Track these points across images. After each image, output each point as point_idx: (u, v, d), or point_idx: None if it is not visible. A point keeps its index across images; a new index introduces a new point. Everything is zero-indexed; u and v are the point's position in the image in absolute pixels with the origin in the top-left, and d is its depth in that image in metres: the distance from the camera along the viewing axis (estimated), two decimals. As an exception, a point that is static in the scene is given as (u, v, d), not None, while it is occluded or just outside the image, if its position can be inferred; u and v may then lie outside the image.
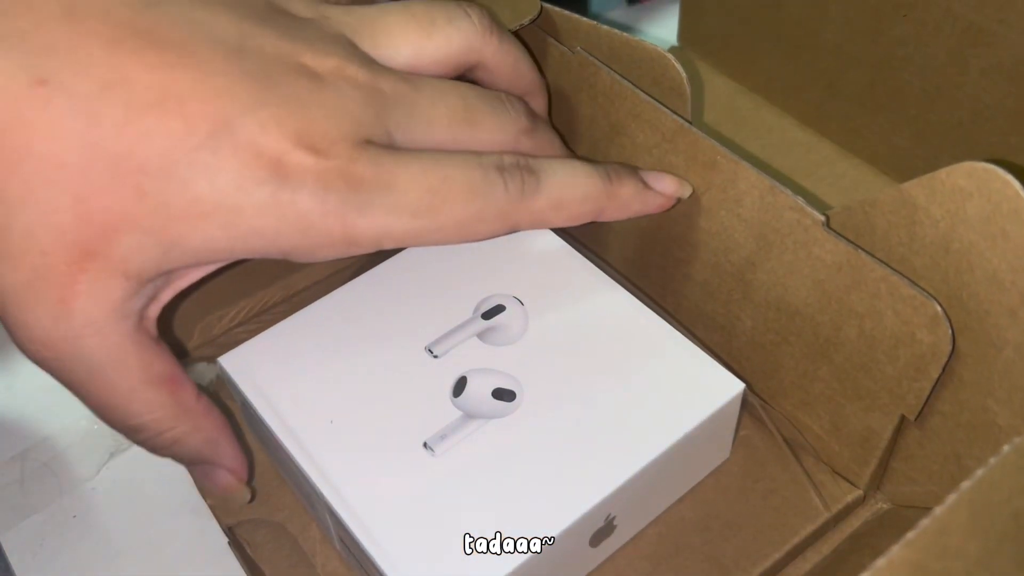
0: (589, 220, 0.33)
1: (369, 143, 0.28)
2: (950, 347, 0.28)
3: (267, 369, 0.33)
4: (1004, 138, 0.40)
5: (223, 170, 0.26)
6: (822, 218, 0.30)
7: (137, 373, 0.28)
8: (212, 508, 0.35)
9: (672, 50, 0.52)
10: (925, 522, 0.20)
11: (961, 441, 0.30)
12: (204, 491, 0.35)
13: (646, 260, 0.37)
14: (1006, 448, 0.21)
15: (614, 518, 0.31)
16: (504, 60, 0.34)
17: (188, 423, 0.30)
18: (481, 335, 0.34)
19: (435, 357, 0.33)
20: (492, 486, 0.30)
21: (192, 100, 0.26)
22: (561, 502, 0.29)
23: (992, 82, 0.39)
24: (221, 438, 0.31)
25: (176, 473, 0.36)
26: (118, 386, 0.28)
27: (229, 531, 0.34)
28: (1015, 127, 0.40)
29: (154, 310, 0.29)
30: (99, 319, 0.27)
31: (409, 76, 0.31)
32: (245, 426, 0.37)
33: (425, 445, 0.31)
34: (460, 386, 0.33)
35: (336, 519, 0.30)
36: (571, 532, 0.29)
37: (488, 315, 0.35)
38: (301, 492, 0.34)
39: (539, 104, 0.37)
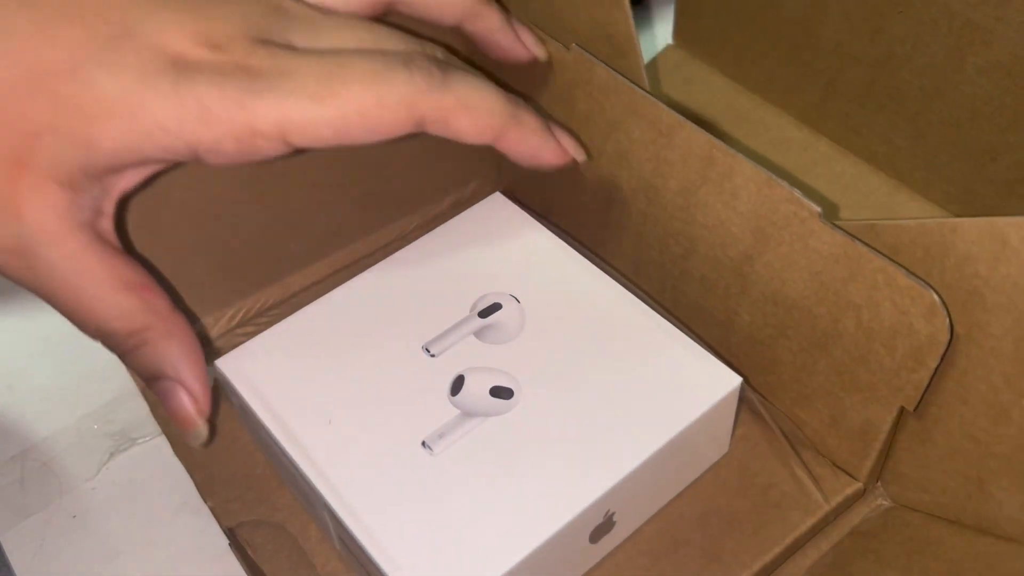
0: (491, 138, 0.32)
1: (269, 40, 0.29)
2: (948, 336, 0.28)
3: (264, 371, 0.34)
4: (1002, 136, 0.40)
5: (125, 67, 0.27)
6: (818, 210, 0.30)
7: (103, 279, 0.29)
8: (212, 510, 0.35)
9: (668, 49, 0.52)
10: None
11: (991, 469, 0.30)
12: (204, 493, 0.35)
13: (642, 256, 0.37)
14: None
15: (613, 514, 0.31)
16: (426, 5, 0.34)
17: (159, 328, 0.30)
18: (478, 333, 0.34)
19: (432, 356, 0.34)
20: (491, 483, 0.30)
21: (95, 9, 0.28)
22: (560, 498, 0.29)
23: (990, 80, 0.39)
24: (190, 354, 0.31)
25: (176, 473, 0.36)
26: (85, 291, 0.29)
27: (230, 532, 0.34)
28: (1013, 124, 0.40)
29: (106, 224, 0.30)
30: (51, 227, 0.28)
31: (320, 6, 0.32)
32: (244, 428, 0.37)
33: (424, 444, 0.31)
34: (458, 385, 0.33)
35: (336, 519, 0.30)
36: (571, 528, 0.29)
37: (485, 313, 0.35)
38: (300, 493, 0.34)
39: (485, 24, 0.36)
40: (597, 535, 0.31)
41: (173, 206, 0.35)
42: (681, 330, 0.34)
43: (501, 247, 0.37)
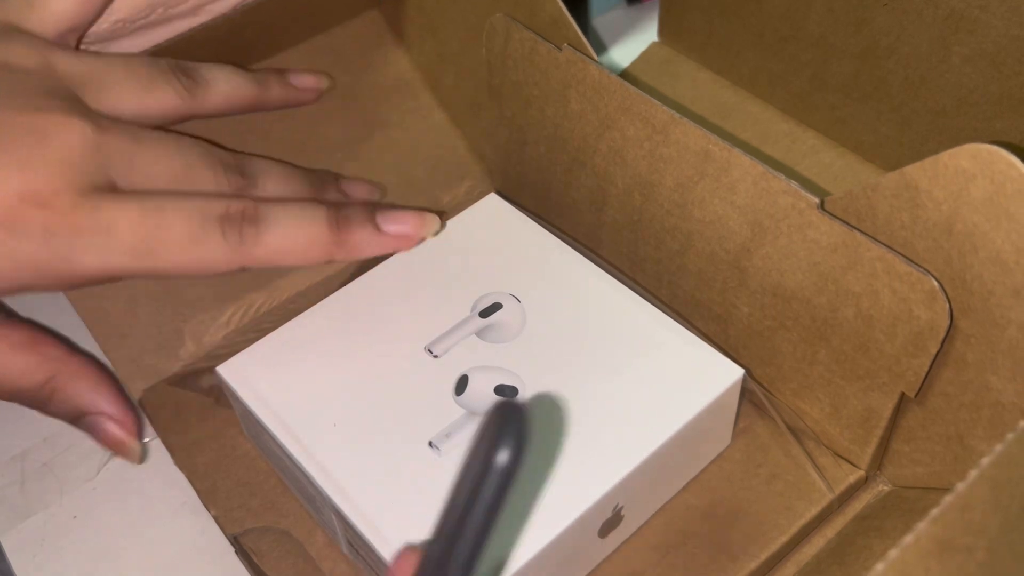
0: (322, 262, 0.34)
1: (94, 190, 0.31)
2: (948, 322, 0.28)
3: (267, 376, 0.34)
4: (988, 123, 0.41)
5: None
6: (816, 200, 0.30)
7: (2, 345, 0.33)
8: (216, 519, 0.35)
9: (653, 46, 0.52)
10: (948, 499, 0.20)
11: (964, 421, 0.31)
12: (207, 502, 0.35)
13: (640, 253, 0.37)
14: (1022, 423, 0.21)
15: (621, 508, 0.31)
16: (218, 105, 0.37)
17: (64, 373, 0.33)
18: (480, 333, 0.34)
19: (435, 357, 0.34)
20: None
21: None
22: (569, 494, 0.30)
23: (975, 68, 0.40)
24: (101, 385, 0.33)
25: (176, 473, 0.36)
26: None
27: (235, 540, 0.34)
28: (998, 112, 0.40)
29: None
30: None
31: (133, 128, 0.34)
32: (247, 435, 0.37)
33: (431, 444, 0.31)
34: (462, 384, 0.33)
35: (345, 522, 0.30)
36: (580, 523, 0.29)
37: (485, 313, 0.35)
38: (306, 498, 0.34)
39: (265, 97, 0.40)
40: (606, 530, 0.31)
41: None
42: (680, 324, 0.34)
43: (499, 247, 0.37)
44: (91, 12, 0.35)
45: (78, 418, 0.33)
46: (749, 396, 0.36)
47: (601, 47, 0.54)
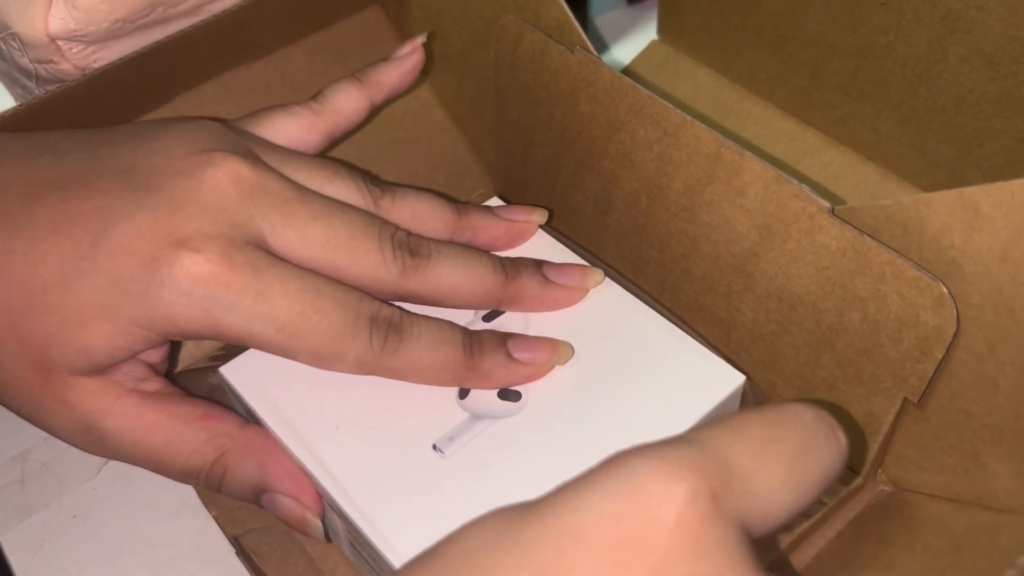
0: (452, 386, 0.33)
1: (246, 244, 0.30)
2: (955, 327, 0.28)
3: (270, 378, 0.33)
4: (987, 122, 0.41)
5: (101, 272, 0.29)
6: (827, 205, 0.30)
7: (164, 426, 0.31)
8: (217, 519, 0.35)
9: (652, 44, 0.52)
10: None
11: (984, 441, 0.30)
12: (208, 502, 0.35)
13: (643, 256, 0.38)
14: None
15: (625, 512, 0.31)
16: (398, 211, 0.35)
17: (235, 449, 0.32)
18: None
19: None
20: (503, 485, 0.30)
21: (79, 220, 0.30)
22: None
23: (973, 67, 0.40)
24: (273, 460, 0.32)
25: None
26: (154, 444, 0.31)
27: (235, 541, 0.34)
28: (997, 111, 0.40)
29: (151, 384, 0.32)
30: (98, 405, 0.31)
31: (302, 186, 0.33)
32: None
33: (434, 447, 0.31)
34: (465, 388, 0.33)
35: (348, 523, 0.30)
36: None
37: (488, 317, 0.35)
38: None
39: (471, 229, 0.37)
40: (609, 534, 0.31)
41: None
42: (682, 329, 0.34)
43: (501, 250, 0.37)
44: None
45: (255, 496, 0.32)
46: (750, 401, 0.36)
47: (601, 47, 0.54)
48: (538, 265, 0.35)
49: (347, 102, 0.38)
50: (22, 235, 0.30)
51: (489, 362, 0.32)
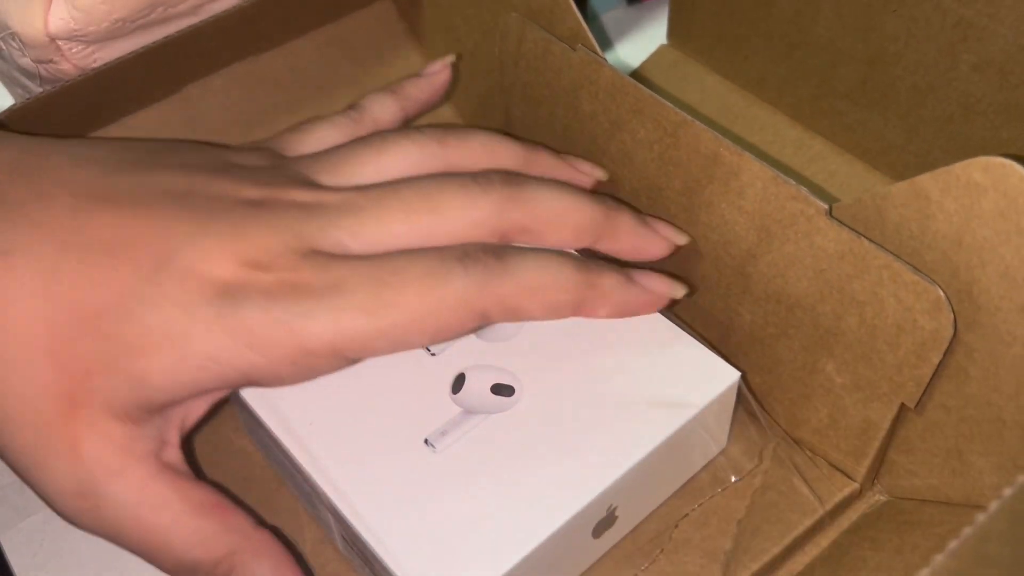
0: (569, 313, 0.31)
1: (315, 252, 0.29)
2: (951, 332, 0.28)
3: None
4: (995, 132, 0.41)
5: (168, 298, 0.28)
6: (825, 207, 0.30)
7: (175, 507, 0.29)
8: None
9: (662, 48, 0.52)
10: (968, 531, 0.20)
11: (964, 436, 0.30)
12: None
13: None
14: None
15: (615, 508, 0.31)
16: (470, 153, 0.34)
17: (246, 549, 0.29)
18: (477, 332, 0.34)
19: (432, 355, 0.33)
20: (495, 480, 0.30)
21: (138, 243, 0.28)
22: (565, 493, 0.29)
23: (982, 76, 0.40)
24: (283, 567, 0.30)
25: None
26: (158, 523, 0.28)
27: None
28: (1006, 121, 0.40)
29: (172, 453, 0.30)
30: (112, 462, 0.28)
31: (362, 186, 0.32)
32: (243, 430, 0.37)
33: (426, 442, 0.31)
34: (459, 383, 0.33)
35: (340, 519, 0.30)
36: (575, 522, 0.29)
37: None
38: (302, 494, 0.34)
39: (541, 165, 0.35)
40: (600, 530, 0.31)
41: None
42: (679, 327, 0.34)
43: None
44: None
45: None
46: (744, 405, 0.36)
47: (601, 47, 0.54)
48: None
49: (383, 112, 0.37)
50: (72, 254, 0.28)
51: (609, 281, 0.31)
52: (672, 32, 0.52)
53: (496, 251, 0.30)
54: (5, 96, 0.45)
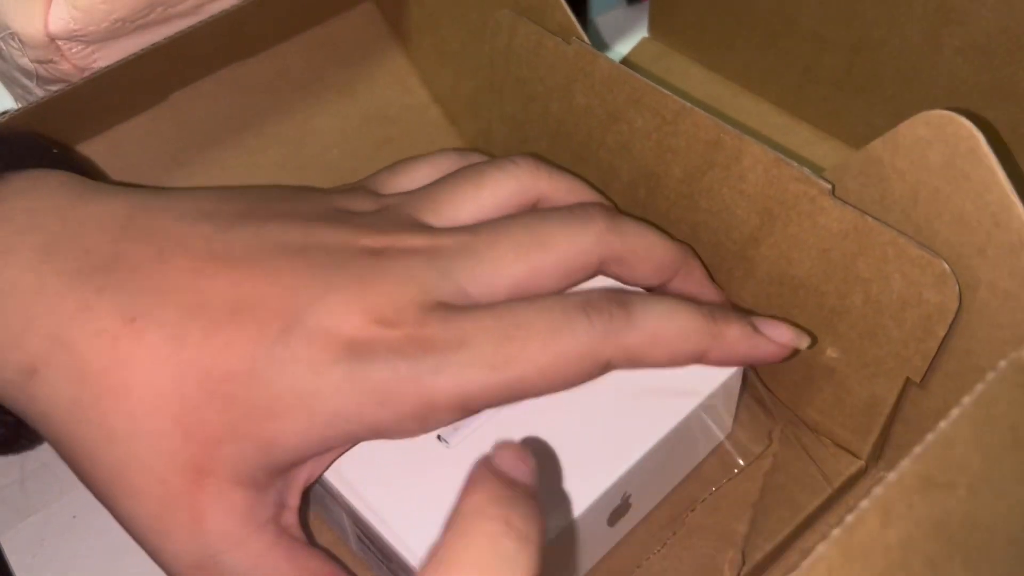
0: (692, 362, 0.31)
1: (440, 304, 0.29)
2: (957, 304, 0.29)
3: None
4: (980, 114, 0.41)
5: (298, 360, 0.27)
6: (828, 186, 0.30)
7: (290, 574, 0.29)
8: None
9: (644, 42, 0.52)
10: (931, 437, 0.20)
11: (952, 393, 0.31)
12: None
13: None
14: (1002, 363, 0.21)
15: (630, 496, 0.31)
16: (560, 186, 0.34)
17: None
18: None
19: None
20: None
21: (263, 304, 0.28)
22: (580, 482, 0.30)
23: (966, 60, 0.40)
24: None
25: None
26: None
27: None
28: (990, 103, 0.40)
29: (290, 517, 0.30)
30: (234, 532, 0.28)
31: (470, 226, 0.32)
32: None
33: (439, 437, 0.31)
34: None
35: (355, 517, 0.30)
36: (591, 511, 0.30)
37: None
38: (314, 494, 0.33)
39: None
40: (614, 518, 0.31)
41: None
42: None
43: None
44: None
45: None
46: (749, 389, 0.36)
47: (602, 47, 0.54)
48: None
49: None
50: (196, 319, 0.28)
51: (734, 332, 0.31)
52: (654, 25, 0.52)
53: (619, 299, 0.30)
54: (5, 96, 0.45)
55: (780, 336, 0.32)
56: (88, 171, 0.33)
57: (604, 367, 0.29)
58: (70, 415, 0.27)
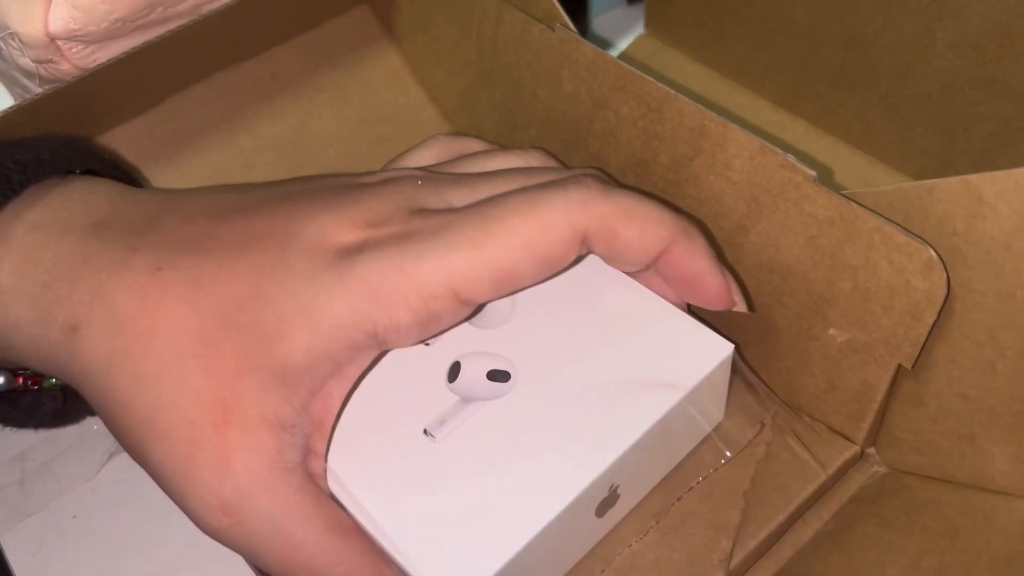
0: (658, 250, 0.31)
1: (426, 209, 0.30)
2: (945, 291, 0.28)
3: None
4: (973, 108, 0.41)
5: (295, 275, 0.28)
6: (813, 174, 0.30)
7: (322, 523, 0.29)
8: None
9: (640, 38, 0.53)
10: None
11: (981, 424, 0.31)
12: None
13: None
14: None
15: (618, 487, 0.31)
16: (563, 169, 0.34)
17: (384, 573, 0.29)
18: (471, 320, 0.34)
19: (427, 345, 0.33)
20: (496, 465, 0.30)
21: (268, 233, 0.29)
22: (566, 475, 0.29)
23: (959, 54, 0.40)
24: None
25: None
26: (304, 540, 0.28)
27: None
28: (983, 97, 0.40)
29: (317, 465, 0.30)
30: (263, 474, 0.28)
31: (468, 171, 0.33)
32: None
33: (425, 431, 0.31)
34: (455, 371, 0.33)
35: (341, 509, 0.30)
36: (578, 503, 0.29)
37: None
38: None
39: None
40: (603, 509, 0.31)
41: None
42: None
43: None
44: None
45: None
46: (741, 375, 0.36)
47: (602, 46, 0.54)
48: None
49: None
50: (211, 257, 0.29)
51: (700, 242, 0.31)
52: (651, 22, 0.52)
53: (596, 176, 0.31)
54: (5, 96, 0.45)
55: (733, 285, 0.32)
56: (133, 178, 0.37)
57: (583, 239, 0.30)
58: (108, 366, 0.28)
